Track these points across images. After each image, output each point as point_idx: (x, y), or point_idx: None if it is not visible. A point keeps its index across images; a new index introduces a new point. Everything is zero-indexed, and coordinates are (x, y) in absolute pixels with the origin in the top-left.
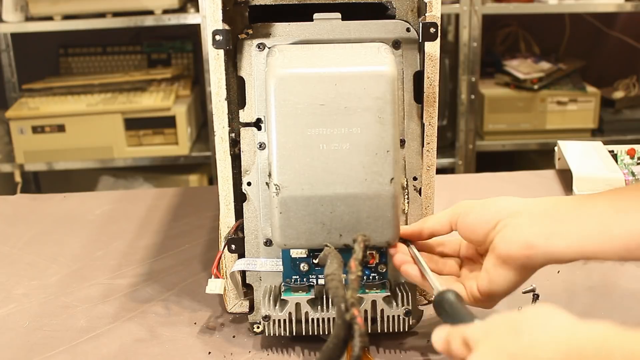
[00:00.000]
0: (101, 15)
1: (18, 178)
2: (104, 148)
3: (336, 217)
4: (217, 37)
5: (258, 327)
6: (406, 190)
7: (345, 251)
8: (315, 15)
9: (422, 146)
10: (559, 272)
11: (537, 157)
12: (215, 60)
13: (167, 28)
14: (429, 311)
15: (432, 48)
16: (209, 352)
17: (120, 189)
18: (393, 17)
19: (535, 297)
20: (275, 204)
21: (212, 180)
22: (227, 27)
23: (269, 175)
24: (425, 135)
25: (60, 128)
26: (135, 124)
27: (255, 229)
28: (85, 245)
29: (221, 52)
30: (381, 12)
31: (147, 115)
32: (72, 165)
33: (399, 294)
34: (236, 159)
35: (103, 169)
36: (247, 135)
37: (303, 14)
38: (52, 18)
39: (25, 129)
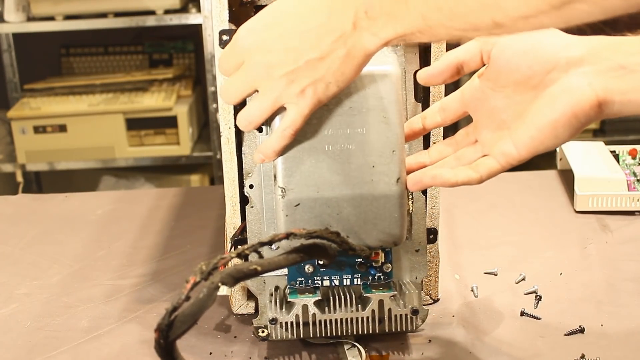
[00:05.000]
0: (103, 15)
1: (20, 178)
2: (105, 148)
3: (343, 219)
4: (224, 37)
5: (263, 332)
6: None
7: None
8: None
9: (428, 146)
10: (561, 274)
11: (539, 157)
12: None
13: (169, 28)
14: (432, 312)
15: (439, 48)
16: (210, 353)
17: (121, 189)
18: None
19: (538, 299)
20: (280, 207)
21: (214, 180)
22: (234, 27)
23: (274, 178)
24: (431, 135)
25: (62, 128)
26: (136, 124)
27: (259, 232)
28: (86, 245)
29: None
30: None
31: (148, 115)
32: (73, 165)
33: (406, 293)
34: (241, 159)
35: (104, 169)
36: (249, 138)
37: None
38: (53, 18)
39: (27, 129)
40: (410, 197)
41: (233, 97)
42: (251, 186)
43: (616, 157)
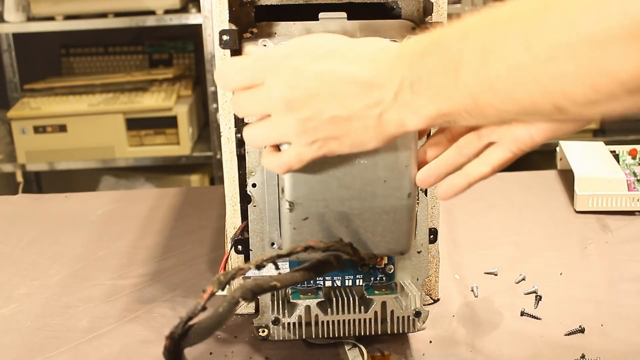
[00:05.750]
0: (103, 15)
1: (20, 178)
2: (105, 148)
3: (351, 232)
4: (224, 37)
5: (263, 331)
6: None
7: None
8: (321, 15)
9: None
10: (561, 274)
11: (539, 157)
12: (222, 60)
13: (169, 28)
14: (432, 312)
15: None
16: (210, 353)
17: (121, 189)
18: (398, 17)
19: (538, 299)
20: (288, 220)
21: (214, 180)
22: (234, 27)
23: (282, 191)
24: (432, 135)
25: (62, 128)
26: (136, 124)
27: (261, 231)
28: (86, 245)
29: (228, 52)
30: (385, 12)
31: (148, 115)
32: (73, 165)
33: (408, 294)
34: (241, 159)
35: (104, 169)
36: None
37: (309, 14)
38: (53, 18)
39: (27, 129)
40: (417, 199)
41: (243, 114)
42: (254, 185)
43: (616, 157)
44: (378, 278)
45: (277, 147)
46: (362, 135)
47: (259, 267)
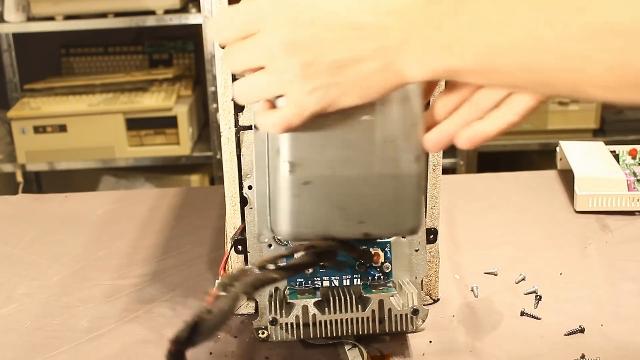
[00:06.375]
0: (103, 15)
1: (20, 178)
2: (105, 148)
3: (356, 201)
4: None
5: (263, 333)
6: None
7: (366, 242)
8: None
9: None
10: (561, 274)
11: (539, 157)
12: (221, 60)
13: (169, 28)
14: (432, 312)
15: None
16: (210, 353)
17: (121, 189)
18: None
19: (538, 298)
20: (287, 186)
21: (214, 180)
22: None
23: (278, 152)
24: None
25: (62, 128)
26: (136, 124)
27: (258, 233)
28: (86, 245)
29: None
30: None
31: (148, 115)
32: (73, 165)
33: (406, 293)
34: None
35: (104, 169)
36: (247, 139)
37: None
38: (53, 18)
39: (27, 129)
40: None
41: (236, 68)
42: (250, 187)
43: (616, 157)
44: (376, 277)
45: (272, 106)
46: (366, 82)
47: (261, 268)
